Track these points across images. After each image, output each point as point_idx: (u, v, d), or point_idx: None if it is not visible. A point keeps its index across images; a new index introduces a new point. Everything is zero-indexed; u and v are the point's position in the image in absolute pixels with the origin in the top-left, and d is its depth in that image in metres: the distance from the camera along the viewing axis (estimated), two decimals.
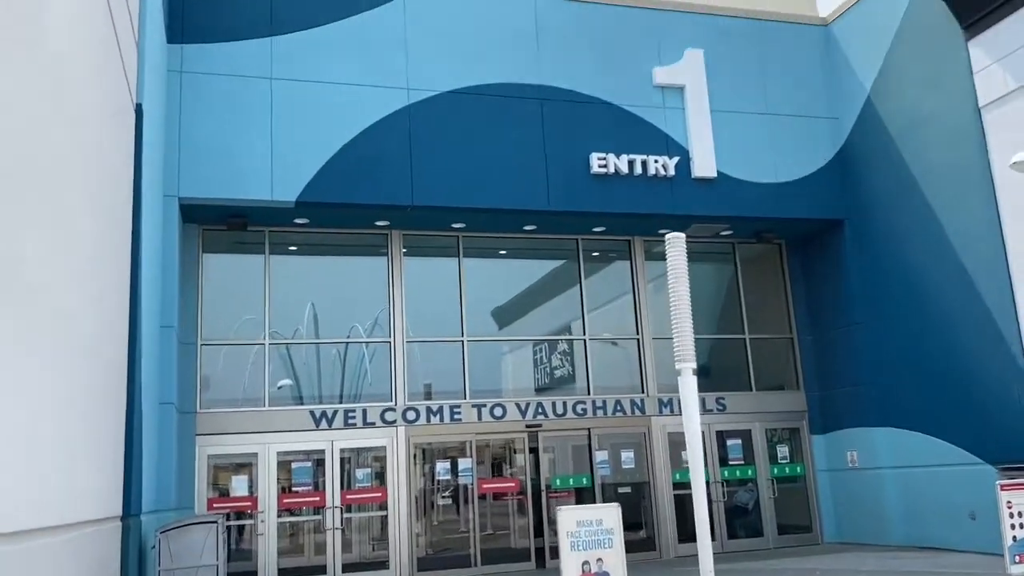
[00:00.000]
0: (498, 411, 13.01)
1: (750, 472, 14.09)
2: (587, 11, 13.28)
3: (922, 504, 12.56)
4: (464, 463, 12.82)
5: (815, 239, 14.47)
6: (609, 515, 7.37)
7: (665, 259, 7.32)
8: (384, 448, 12.50)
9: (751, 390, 14.43)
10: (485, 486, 12.86)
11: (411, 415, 12.62)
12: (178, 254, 11.06)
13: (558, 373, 13.95)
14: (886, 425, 13.18)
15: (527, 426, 13.15)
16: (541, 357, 14.02)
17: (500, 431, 13.15)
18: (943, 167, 12.34)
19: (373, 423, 12.45)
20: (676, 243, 7.27)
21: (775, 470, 14.20)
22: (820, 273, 14.50)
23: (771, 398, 14.50)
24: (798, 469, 14.37)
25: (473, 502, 12.70)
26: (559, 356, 13.98)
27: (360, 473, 12.45)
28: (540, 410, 13.20)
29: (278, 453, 12.06)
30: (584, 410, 13.39)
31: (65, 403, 5.37)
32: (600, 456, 13.43)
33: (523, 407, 13.14)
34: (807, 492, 14.30)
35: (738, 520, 13.95)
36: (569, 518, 7.31)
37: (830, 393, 14.29)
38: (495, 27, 12.79)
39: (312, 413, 12.26)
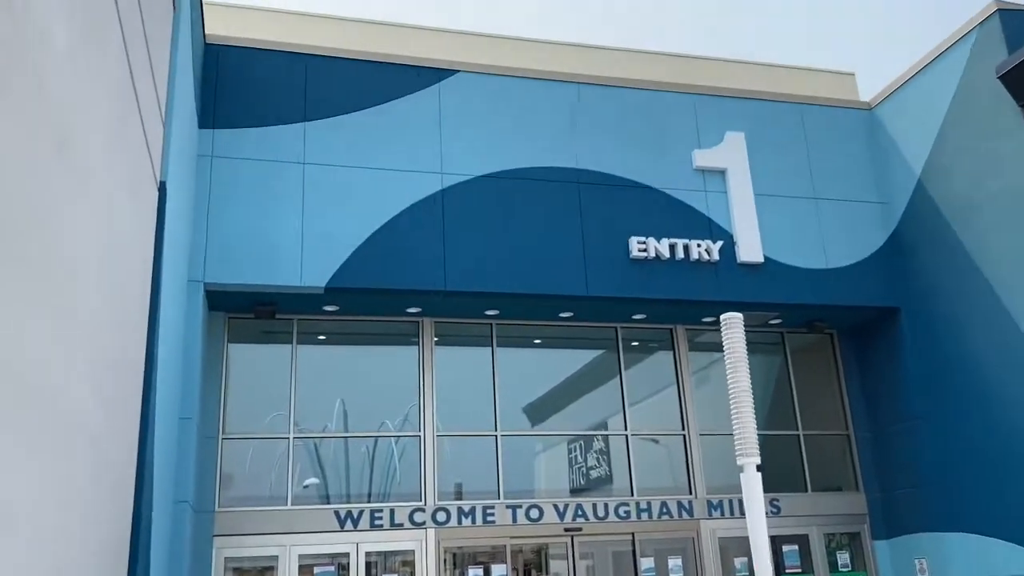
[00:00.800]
0: (534, 513, 12.13)
1: None
2: (624, 94, 13.00)
3: None
4: (498, 569, 11.88)
5: (870, 328, 13.67)
6: None
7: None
8: (412, 552, 11.63)
9: (806, 491, 13.39)
10: None
11: (441, 516, 11.79)
12: (202, 343, 10.58)
13: (597, 472, 13.07)
14: (957, 530, 12.06)
15: (566, 529, 12.23)
16: (578, 455, 13.18)
17: (536, 535, 12.22)
18: (1005, 250, 11.65)
19: (401, 524, 11.63)
20: (733, 324, 6.63)
21: None
22: (876, 364, 13.63)
23: (829, 500, 13.44)
24: None
25: None
26: (597, 454, 13.13)
27: None
28: (580, 512, 12.30)
29: (300, 556, 11.26)
30: (627, 512, 12.46)
31: (63, 503, 4.77)
32: (645, 563, 12.38)
33: (561, 509, 12.26)
34: None
35: None
36: None
37: (892, 494, 13.21)
38: (530, 111, 12.53)
39: (337, 513, 11.49)
